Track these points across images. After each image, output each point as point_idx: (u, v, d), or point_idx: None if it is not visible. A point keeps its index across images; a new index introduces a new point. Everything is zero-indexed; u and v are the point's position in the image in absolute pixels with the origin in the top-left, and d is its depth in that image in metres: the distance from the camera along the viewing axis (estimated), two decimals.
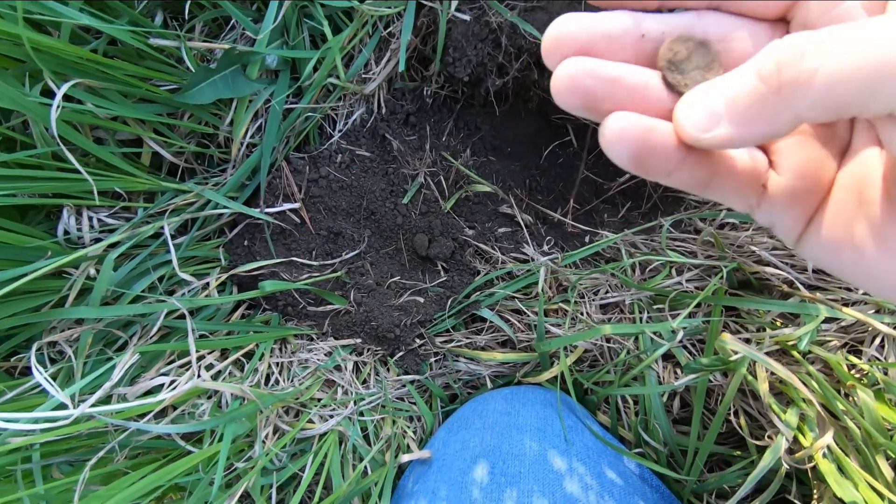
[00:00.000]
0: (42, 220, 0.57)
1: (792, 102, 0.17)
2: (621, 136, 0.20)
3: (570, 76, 0.20)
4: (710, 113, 0.19)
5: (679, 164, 0.20)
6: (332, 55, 0.64)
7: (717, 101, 0.19)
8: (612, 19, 0.22)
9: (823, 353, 0.54)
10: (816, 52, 0.16)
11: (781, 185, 0.22)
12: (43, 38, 0.46)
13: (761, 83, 0.18)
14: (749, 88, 0.18)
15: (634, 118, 0.20)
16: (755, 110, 0.18)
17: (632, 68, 0.21)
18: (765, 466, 0.43)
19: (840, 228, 0.21)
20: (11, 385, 0.53)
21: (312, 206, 0.70)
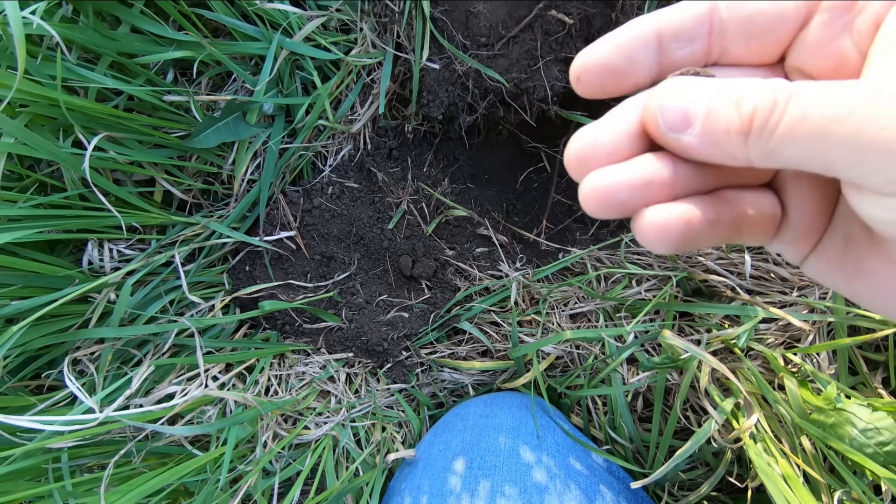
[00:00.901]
0: (69, 253, 0.65)
1: (750, 147, 0.18)
2: (663, 229, 0.20)
3: (600, 192, 0.21)
4: (686, 117, 0.19)
5: (710, 241, 0.21)
6: (322, 100, 0.72)
7: (699, 108, 0.19)
8: (620, 121, 0.22)
9: (762, 349, 0.61)
10: (788, 107, 0.17)
11: (791, 227, 0.23)
12: (74, 100, 0.55)
13: (736, 120, 0.18)
14: (725, 116, 0.19)
15: (670, 211, 0.20)
16: (722, 139, 0.19)
17: (656, 163, 0.21)
18: (692, 446, 0.49)
19: (834, 258, 0.23)
20: (41, 399, 0.60)
21: (307, 233, 0.78)
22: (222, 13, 0.66)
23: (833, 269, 0.23)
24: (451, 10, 0.67)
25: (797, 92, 0.17)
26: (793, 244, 0.23)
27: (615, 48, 0.22)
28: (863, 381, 0.61)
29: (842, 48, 0.21)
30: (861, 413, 0.46)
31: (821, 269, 0.23)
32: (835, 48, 0.21)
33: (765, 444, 0.49)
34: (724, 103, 0.19)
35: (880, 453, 0.42)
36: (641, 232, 0.20)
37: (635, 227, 0.21)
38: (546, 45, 0.70)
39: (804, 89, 0.17)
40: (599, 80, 0.23)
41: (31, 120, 0.54)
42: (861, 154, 0.16)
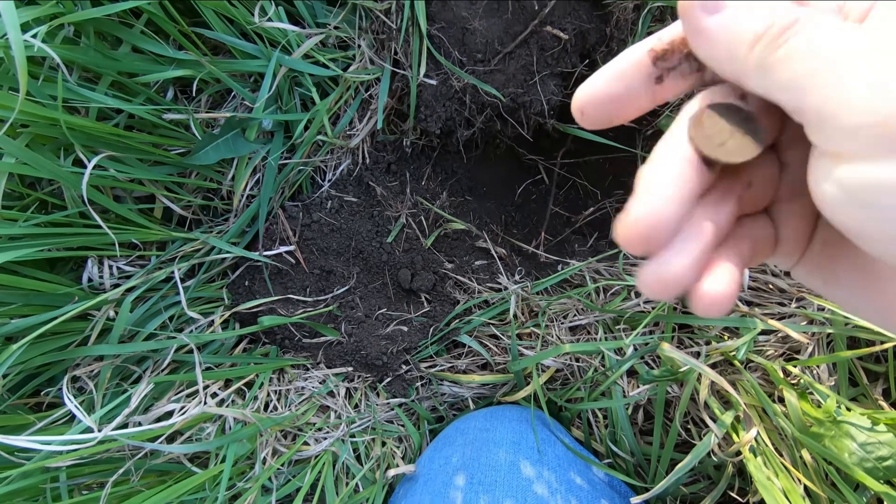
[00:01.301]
0: (69, 270, 0.65)
1: (755, 60, 0.19)
2: (724, 298, 0.21)
3: (663, 282, 0.20)
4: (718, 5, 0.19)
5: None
6: (321, 116, 0.73)
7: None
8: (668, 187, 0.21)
9: (762, 361, 0.61)
10: (791, 34, 0.18)
11: (783, 243, 0.24)
12: (75, 119, 0.56)
13: (754, 22, 0.19)
14: (752, 18, 0.19)
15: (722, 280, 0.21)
16: (736, 39, 0.19)
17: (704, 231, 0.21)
18: (692, 459, 0.48)
19: (814, 263, 0.24)
20: (39, 417, 0.60)
21: (306, 247, 0.78)
22: (222, 32, 0.67)
23: (814, 273, 0.24)
24: (448, 28, 0.68)
25: (812, 19, 0.18)
26: (787, 256, 0.25)
27: (613, 77, 0.23)
28: (863, 393, 0.60)
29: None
30: (861, 426, 0.46)
31: (804, 273, 0.25)
32: None
33: (765, 457, 0.49)
34: (753, 7, 0.19)
35: (879, 468, 0.42)
36: (704, 305, 0.21)
37: (696, 305, 0.21)
38: (542, 61, 0.71)
39: (820, 24, 0.17)
40: (602, 110, 0.23)
41: (32, 140, 0.55)
42: (843, 94, 0.16)
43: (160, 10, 0.61)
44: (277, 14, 0.68)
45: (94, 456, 0.55)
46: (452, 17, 0.67)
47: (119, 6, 0.56)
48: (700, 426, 0.65)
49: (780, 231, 0.24)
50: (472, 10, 0.67)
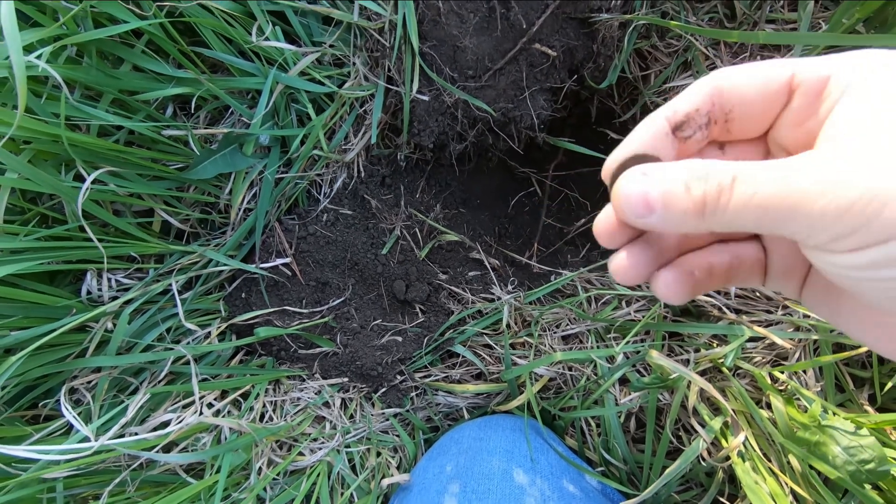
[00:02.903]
0: (69, 283, 0.67)
1: (708, 222, 0.21)
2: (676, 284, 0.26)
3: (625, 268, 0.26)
4: (647, 203, 0.22)
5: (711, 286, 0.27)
6: (316, 131, 0.75)
7: (656, 194, 0.22)
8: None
9: (749, 368, 0.62)
10: (733, 187, 0.20)
11: (773, 268, 0.27)
12: (76, 135, 0.57)
13: (689, 202, 0.21)
14: (679, 204, 0.22)
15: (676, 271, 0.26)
16: (680, 220, 0.22)
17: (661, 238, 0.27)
18: (681, 465, 0.49)
19: (819, 293, 0.26)
20: (37, 428, 0.60)
21: (302, 260, 0.80)
22: (220, 51, 0.69)
23: (820, 302, 0.26)
24: (439, 46, 0.70)
25: (742, 173, 0.20)
26: (783, 282, 0.27)
27: (639, 146, 0.25)
28: (850, 398, 0.61)
29: (811, 128, 0.24)
30: (845, 431, 0.47)
31: (812, 302, 0.27)
32: (806, 128, 0.24)
33: (753, 462, 0.50)
34: (677, 190, 0.22)
35: (862, 471, 0.43)
36: (661, 293, 0.26)
37: (654, 289, 0.26)
38: (531, 76, 0.73)
39: (751, 170, 0.20)
40: None
41: (34, 156, 0.56)
42: (802, 221, 0.19)
43: (160, 31, 0.63)
44: (274, 33, 0.70)
45: (91, 466, 0.56)
46: (444, 36, 0.69)
47: (121, 28, 0.58)
48: (691, 433, 0.66)
49: (770, 258, 0.27)
50: (463, 28, 0.69)
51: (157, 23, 0.62)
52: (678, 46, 0.76)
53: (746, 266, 0.27)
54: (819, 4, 0.71)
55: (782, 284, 0.27)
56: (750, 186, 0.20)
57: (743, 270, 0.27)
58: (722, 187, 0.20)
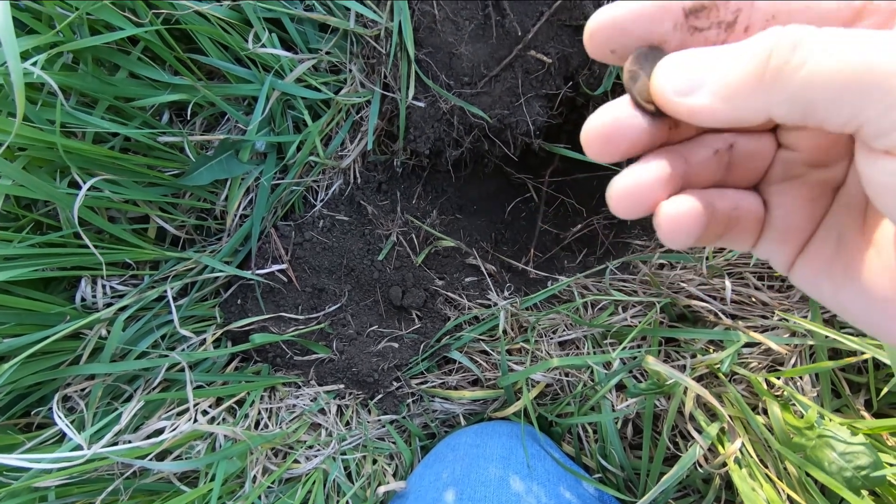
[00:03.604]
0: (63, 289, 0.66)
1: (770, 92, 0.17)
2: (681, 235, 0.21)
3: (626, 194, 0.21)
4: (692, 78, 0.19)
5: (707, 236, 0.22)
6: (313, 138, 0.75)
7: (703, 68, 0.19)
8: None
9: (746, 374, 0.62)
10: (809, 48, 0.16)
11: (775, 226, 0.23)
12: (71, 142, 0.57)
13: (749, 64, 0.18)
14: (737, 65, 0.18)
15: (682, 202, 0.21)
16: (735, 88, 0.18)
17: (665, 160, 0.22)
18: (678, 471, 0.49)
19: (823, 262, 0.22)
20: (29, 437, 0.60)
21: (298, 266, 0.80)
22: (216, 57, 0.69)
23: (821, 274, 0.22)
24: (435, 52, 0.70)
25: (816, 33, 0.17)
26: (779, 244, 0.23)
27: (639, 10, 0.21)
28: (846, 404, 0.61)
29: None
30: (841, 437, 0.47)
31: (809, 275, 0.23)
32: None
33: (750, 468, 0.49)
34: (733, 55, 0.18)
35: (858, 477, 0.42)
36: (665, 224, 0.21)
37: (658, 221, 0.21)
38: (527, 83, 0.73)
39: (825, 33, 0.17)
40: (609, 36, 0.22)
41: (29, 162, 0.56)
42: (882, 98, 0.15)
43: (156, 38, 0.63)
44: (271, 40, 0.71)
45: (84, 475, 0.55)
46: (439, 43, 0.70)
47: (116, 35, 0.58)
48: (688, 439, 0.66)
49: (771, 213, 0.23)
50: (458, 35, 0.69)
51: (153, 30, 0.62)
52: None
53: (744, 219, 0.23)
54: None
55: (775, 249, 0.24)
56: (832, 47, 0.16)
57: (740, 223, 0.23)
58: (798, 42, 0.17)
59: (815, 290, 0.23)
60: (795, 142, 0.23)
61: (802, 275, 0.23)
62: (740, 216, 0.23)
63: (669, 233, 0.21)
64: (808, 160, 0.23)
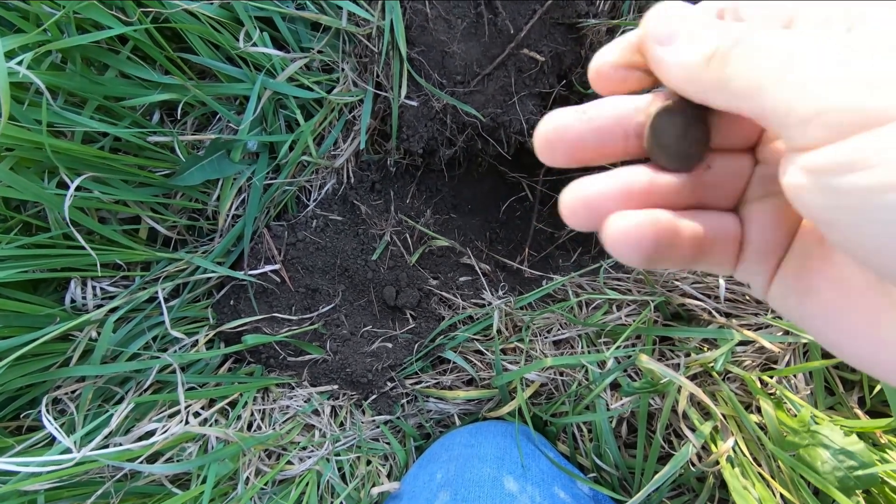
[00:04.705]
0: (52, 291, 0.66)
1: (709, 75, 0.20)
2: (628, 245, 0.21)
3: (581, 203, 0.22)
4: (671, 32, 0.21)
5: (677, 253, 0.22)
6: (305, 137, 0.75)
7: (679, 23, 0.21)
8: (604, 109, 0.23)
9: (739, 372, 0.61)
10: (741, 48, 0.19)
11: (753, 245, 0.23)
12: (60, 142, 0.57)
13: (705, 46, 0.20)
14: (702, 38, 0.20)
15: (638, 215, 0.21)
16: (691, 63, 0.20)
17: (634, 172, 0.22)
18: (670, 470, 0.49)
19: (791, 278, 0.22)
20: (19, 440, 0.59)
21: (291, 266, 0.79)
22: (207, 57, 0.69)
23: (789, 290, 0.23)
24: (428, 51, 0.70)
25: (751, 32, 0.19)
26: (757, 265, 0.23)
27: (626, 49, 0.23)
28: (840, 402, 0.61)
29: None
30: (834, 436, 0.47)
31: (780, 294, 0.23)
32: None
33: (742, 467, 0.49)
34: (701, 26, 0.20)
35: (850, 477, 0.42)
36: (611, 239, 0.20)
37: (604, 236, 0.21)
38: (520, 82, 0.73)
39: (760, 35, 0.19)
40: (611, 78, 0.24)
41: (16, 163, 0.56)
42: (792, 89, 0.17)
43: (146, 37, 0.62)
44: (262, 39, 0.70)
45: (74, 478, 0.55)
46: (432, 41, 0.69)
47: (105, 33, 0.57)
48: (682, 438, 0.66)
49: (749, 231, 0.24)
50: (451, 34, 0.69)
51: (142, 29, 0.61)
52: None
53: (721, 240, 0.23)
54: None
55: (754, 270, 0.24)
56: (761, 45, 0.18)
57: (717, 245, 0.23)
58: (737, 40, 0.19)
59: (785, 309, 0.23)
60: (770, 156, 0.23)
61: (775, 295, 0.23)
62: (717, 238, 0.23)
63: (613, 246, 0.21)
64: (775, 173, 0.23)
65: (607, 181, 0.22)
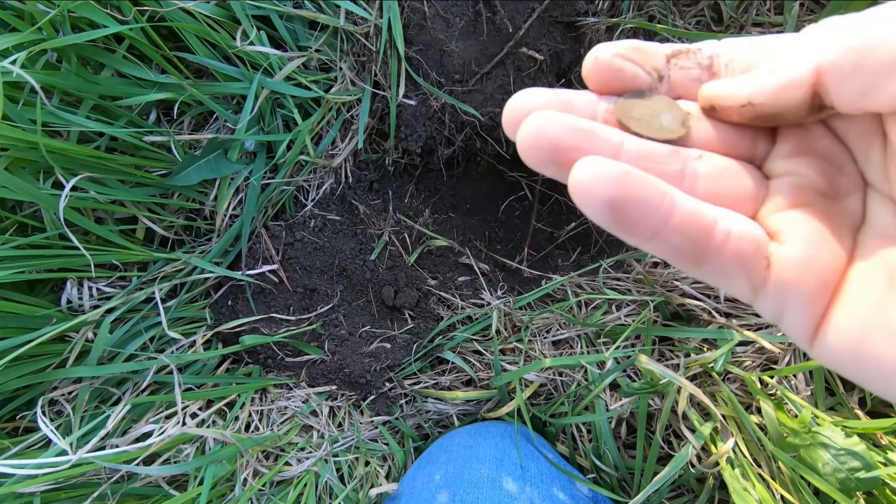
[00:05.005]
0: (48, 292, 0.65)
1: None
2: (594, 180, 0.17)
3: (538, 127, 0.18)
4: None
5: (664, 222, 0.18)
6: (303, 136, 0.74)
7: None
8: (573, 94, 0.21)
9: (739, 372, 0.61)
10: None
11: (792, 256, 0.18)
12: (55, 143, 0.56)
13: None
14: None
15: (609, 161, 0.17)
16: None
17: (604, 126, 0.20)
18: (670, 471, 0.48)
19: (859, 324, 0.17)
20: (14, 442, 0.59)
21: (289, 266, 0.79)
22: (204, 55, 0.68)
23: (860, 342, 0.17)
24: (426, 50, 0.69)
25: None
26: (797, 289, 0.18)
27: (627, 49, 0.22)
28: (840, 402, 0.61)
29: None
30: (835, 437, 0.47)
31: (841, 346, 0.17)
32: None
33: (742, 469, 0.49)
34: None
35: (851, 479, 0.42)
36: (571, 179, 0.17)
37: (570, 177, 0.18)
38: (519, 80, 0.72)
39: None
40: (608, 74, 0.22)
41: (11, 163, 0.55)
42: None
43: (142, 36, 0.62)
44: (259, 38, 0.70)
45: (70, 480, 0.54)
46: (430, 40, 0.69)
47: (100, 32, 0.57)
48: (682, 438, 0.65)
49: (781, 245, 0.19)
50: (449, 32, 0.68)
51: (138, 27, 0.61)
52: None
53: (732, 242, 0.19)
54: (805, 8, 0.71)
55: (792, 298, 0.18)
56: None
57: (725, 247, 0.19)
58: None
59: (852, 364, 0.17)
60: (796, 168, 0.20)
61: (834, 342, 0.17)
62: (726, 233, 0.18)
63: (578, 194, 0.17)
64: (816, 186, 0.20)
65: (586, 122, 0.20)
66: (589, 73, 0.22)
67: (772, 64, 0.20)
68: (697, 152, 0.21)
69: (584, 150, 0.19)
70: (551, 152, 0.19)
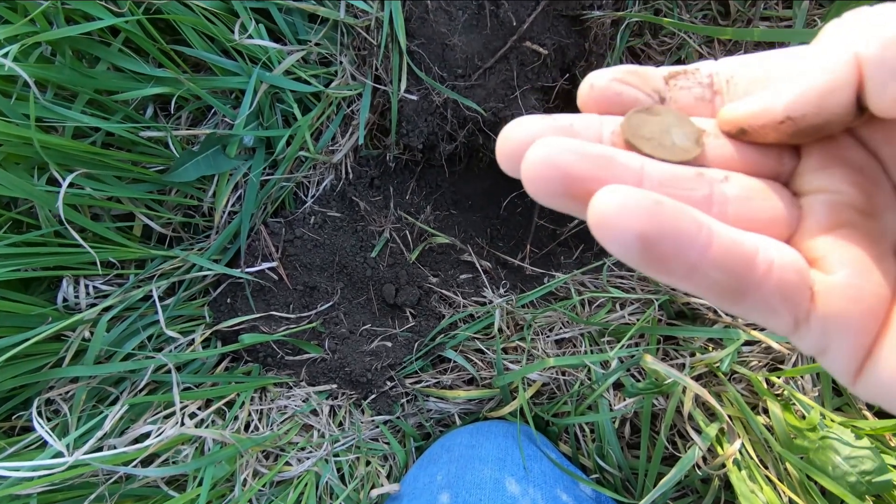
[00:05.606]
0: (44, 290, 0.64)
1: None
2: (621, 212, 0.15)
3: (546, 156, 0.16)
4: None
5: (702, 255, 0.15)
6: (303, 132, 0.73)
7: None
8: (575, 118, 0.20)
9: (746, 372, 0.60)
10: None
11: (838, 285, 0.16)
12: (50, 138, 0.55)
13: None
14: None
15: (635, 190, 0.15)
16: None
17: (621, 151, 0.18)
18: (676, 473, 0.48)
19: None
20: (11, 442, 0.58)
21: (289, 264, 0.78)
22: (202, 49, 0.67)
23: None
24: (428, 44, 0.68)
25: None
26: (843, 321, 0.16)
27: (626, 73, 0.21)
28: (847, 402, 0.60)
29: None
30: (845, 440, 0.46)
31: (888, 381, 0.16)
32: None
33: (749, 470, 0.48)
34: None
35: (863, 482, 0.41)
36: (591, 211, 0.15)
37: (589, 209, 0.15)
38: (522, 75, 0.71)
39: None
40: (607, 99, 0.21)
41: (4, 159, 0.54)
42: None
43: (138, 29, 0.61)
44: (258, 31, 0.68)
45: (67, 481, 0.53)
46: (432, 34, 0.68)
47: (95, 24, 0.56)
48: (687, 438, 0.65)
49: (827, 274, 0.17)
50: (451, 26, 0.67)
51: (134, 20, 0.59)
52: (671, 44, 0.75)
53: (773, 273, 0.17)
54: (814, 2, 0.70)
55: (837, 331, 0.16)
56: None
57: (767, 281, 0.17)
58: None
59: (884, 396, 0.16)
60: (828, 183, 0.18)
61: (882, 377, 0.16)
62: (768, 264, 0.16)
63: (603, 229, 0.15)
64: (853, 203, 0.18)
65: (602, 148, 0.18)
66: (585, 100, 0.21)
67: (800, 68, 0.17)
68: (723, 173, 0.19)
69: (602, 179, 0.17)
70: (565, 184, 0.16)
